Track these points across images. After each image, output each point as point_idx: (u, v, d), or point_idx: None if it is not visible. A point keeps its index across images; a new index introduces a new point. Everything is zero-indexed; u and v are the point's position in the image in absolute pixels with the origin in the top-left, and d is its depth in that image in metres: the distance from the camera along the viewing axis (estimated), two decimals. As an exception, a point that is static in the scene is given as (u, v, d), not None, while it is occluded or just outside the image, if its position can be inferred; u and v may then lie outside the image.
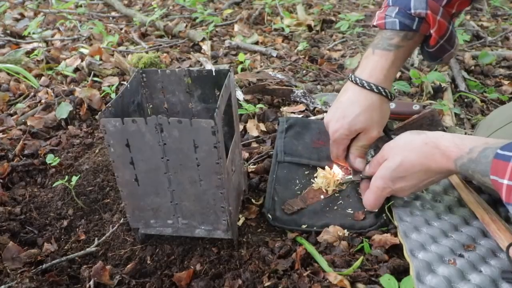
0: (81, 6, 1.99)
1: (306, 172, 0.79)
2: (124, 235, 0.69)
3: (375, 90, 0.69)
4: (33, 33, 1.66)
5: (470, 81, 1.14)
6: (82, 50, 1.44)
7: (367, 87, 0.69)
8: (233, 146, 0.64)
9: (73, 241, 0.69)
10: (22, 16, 1.95)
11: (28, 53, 1.46)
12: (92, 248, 0.66)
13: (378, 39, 0.72)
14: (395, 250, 0.63)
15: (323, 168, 0.78)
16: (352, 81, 0.71)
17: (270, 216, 0.70)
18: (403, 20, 0.69)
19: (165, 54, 1.39)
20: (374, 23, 0.73)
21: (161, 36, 1.64)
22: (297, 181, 0.77)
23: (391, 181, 0.62)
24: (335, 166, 0.78)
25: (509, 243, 0.55)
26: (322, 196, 0.74)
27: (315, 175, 0.78)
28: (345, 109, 0.70)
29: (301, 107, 1.04)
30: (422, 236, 0.62)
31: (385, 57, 0.70)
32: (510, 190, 0.45)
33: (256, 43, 1.51)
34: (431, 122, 0.88)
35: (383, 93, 0.69)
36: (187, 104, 0.71)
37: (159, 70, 0.67)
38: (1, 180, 0.83)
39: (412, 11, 0.68)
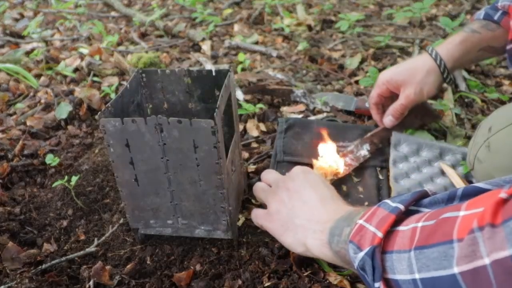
0: (80, 6, 1.99)
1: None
2: (123, 235, 0.69)
3: (431, 55, 0.74)
4: (33, 33, 1.65)
5: (470, 81, 1.14)
6: (81, 50, 1.44)
7: (428, 50, 0.77)
8: (233, 146, 0.64)
9: (73, 241, 0.69)
10: (22, 16, 1.94)
11: (27, 53, 1.46)
12: (91, 248, 0.66)
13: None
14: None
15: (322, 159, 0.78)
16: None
17: (270, 216, 0.70)
18: (488, 11, 0.73)
19: (164, 54, 1.39)
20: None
21: (160, 36, 1.64)
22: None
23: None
24: (332, 157, 0.77)
25: None
26: None
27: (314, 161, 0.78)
28: (401, 63, 0.81)
29: (301, 107, 1.04)
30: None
31: (458, 35, 0.75)
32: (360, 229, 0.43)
33: (256, 43, 1.51)
34: (425, 112, 0.86)
35: (437, 61, 0.74)
36: (187, 104, 0.70)
37: (158, 70, 0.67)
38: (1, 180, 0.83)
39: (500, 3, 0.71)
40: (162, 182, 0.58)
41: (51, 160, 0.83)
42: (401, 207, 0.40)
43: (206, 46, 1.46)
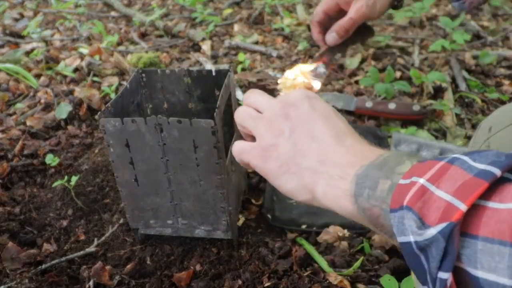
0: (80, 6, 1.99)
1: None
2: (123, 236, 0.69)
3: None
4: (33, 33, 1.65)
5: (470, 81, 1.14)
6: (81, 50, 1.44)
7: None
8: None
9: (73, 242, 0.69)
10: (22, 16, 1.94)
11: (27, 53, 1.46)
12: (91, 249, 0.66)
13: None
14: (396, 250, 0.63)
15: None
16: None
17: (269, 216, 0.69)
18: None
19: (164, 54, 1.38)
20: None
21: (160, 36, 1.64)
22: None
23: None
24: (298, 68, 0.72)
25: None
26: None
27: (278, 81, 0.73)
28: None
29: (301, 107, 1.04)
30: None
31: None
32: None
33: (256, 43, 1.51)
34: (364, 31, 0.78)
35: None
36: (187, 104, 0.70)
37: (158, 70, 0.67)
38: (1, 180, 0.83)
39: None
40: (162, 182, 0.58)
41: (51, 160, 0.83)
42: (496, 171, 0.27)
43: (206, 46, 1.46)
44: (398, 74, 1.18)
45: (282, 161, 0.40)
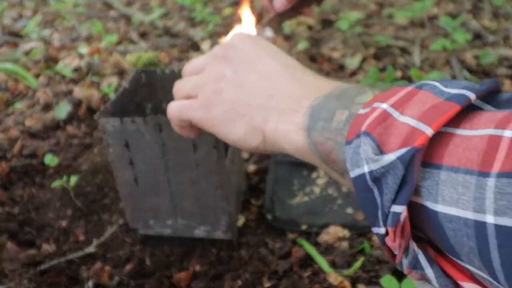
0: (79, 5, 1.98)
1: (304, 173, 0.79)
2: (123, 236, 0.68)
3: None
4: (31, 33, 1.65)
5: (471, 81, 1.14)
6: (80, 49, 1.44)
7: None
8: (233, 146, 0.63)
9: (72, 242, 0.69)
10: (20, 15, 1.94)
11: (26, 53, 1.45)
12: (91, 249, 0.65)
13: None
14: (396, 250, 0.63)
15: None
16: None
17: (269, 217, 0.69)
18: None
19: (164, 54, 1.38)
20: None
21: (160, 36, 1.63)
22: (296, 181, 0.77)
23: None
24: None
25: None
26: None
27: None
28: None
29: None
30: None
31: None
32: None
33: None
34: None
35: None
36: (186, 103, 0.70)
37: (158, 70, 0.67)
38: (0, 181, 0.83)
39: None
40: (161, 182, 0.58)
41: (50, 160, 0.83)
42: (471, 95, 0.23)
43: (205, 46, 1.46)
44: (398, 73, 1.17)
45: (228, 105, 0.35)
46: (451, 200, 0.22)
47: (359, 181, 0.25)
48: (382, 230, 0.24)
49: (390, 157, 0.23)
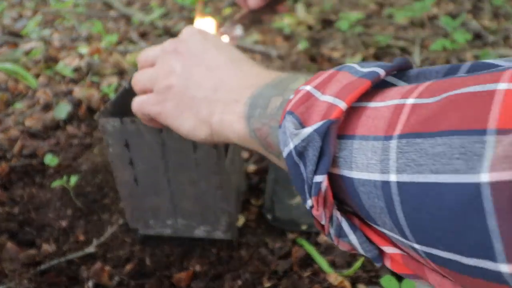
0: (79, 5, 1.98)
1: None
2: (123, 236, 0.68)
3: None
4: (31, 33, 1.65)
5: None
6: (80, 49, 1.44)
7: None
8: (233, 146, 0.63)
9: (72, 242, 0.69)
10: (20, 15, 1.94)
11: (26, 53, 1.45)
12: (91, 249, 0.65)
13: None
14: (396, 250, 0.63)
15: None
16: None
17: (269, 217, 0.69)
18: None
19: (164, 54, 1.38)
20: None
21: (160, 35, 1.63)
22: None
23: None
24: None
25: None
26: None
27: None
28: None
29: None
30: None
31: None
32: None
33: (256, 42, 1.51)
34: None
35: None
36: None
37: (158, 70, 0.67)
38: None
39: None
40: (161, 182, 0.58)
41: (50, 160, 0.83)
42: (381, 72, 0.25)
43: (205, 46, 1.46)
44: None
45: (178, 99, 0.38)
46: (362, 166, 0.23)
47: (289, 159, 0.26)
48: (309, 203, 0.26)
49: (308, 130, 0.25)
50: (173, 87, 0.38)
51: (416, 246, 0.22)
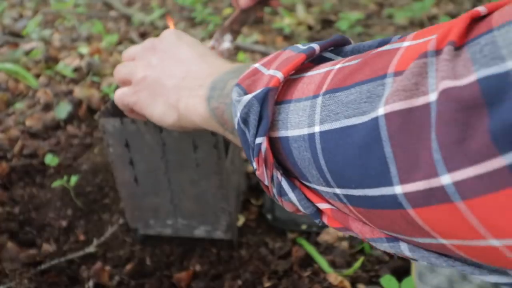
0: (79, 5, 1.98)
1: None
2: (123, 236, 0.69)
3: None
4: (32, 33, 1.65)
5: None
6: (81, 49, 1.44)
7: None
8: (233, 146, 0.64)
9: (72, 242, 0.69)
10: (21, 15, 1.94)
11: (26, 53, 1.45)
12: (91, 249, 0.66)
13: None
14: (396, 250, 0.63)
15: None
16: None
17: (269, 217, 0.69)
18: None
19: (164, 54, 1.38)
20: None
21: (160, 36, 1.63)
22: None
23: None
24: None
25: None
26: None
27: None
28: None
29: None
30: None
31: None
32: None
33: (256, 42, 1.51)
34: None
35: None
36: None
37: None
38: (0, 181, 0.83)
39: None
40: (161, 182, 0.58)
41: (50, 160, 0.83)
42: (316, 47, 0.29)
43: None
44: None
45: (151, 88, 0.41)
46: (295, 124, 0.26)
47: (238, 129, 0.28)
48: (254, 165, 0.28)
49: (248, 96, 0.28)
50: (147, 78, 0.42)
51: (337, 191, 0.24)
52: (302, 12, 1.76)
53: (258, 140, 0.27)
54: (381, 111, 0.20)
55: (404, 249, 0.24)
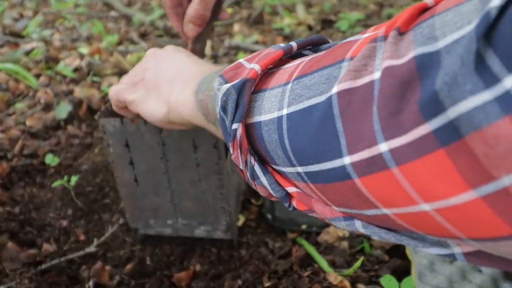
0: (79, 5, 1.99)
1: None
2: (123, 236, 0.69)
3: None
4: (32, 33, 1.65)
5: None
6: (81, 49, 1.44)
7: None
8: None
9: (72, 242, 0.69)
10: (21, 15, 1.94)
11: (27, 53, 1.46)
12: (91, 249, 0.66)
13: None
14: (396, 250, 0.63)
15: None
16: None
17: (269, 216, 0.69)
18: None
19: (164, 54, 1.38)
20: None
21: (160, 36, 1.64)
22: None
23: None
24: None
25: None
26: None
27: None
28: None
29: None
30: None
31: None
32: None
33: (256, 42, 1.51)
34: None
35: None
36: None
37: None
38: (0, 180, 0.83)
39: None
40: (161, 182, 0.58)
41: (51, 160, 0.83)
42: (294, 44, 0.32)
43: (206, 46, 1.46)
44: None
45: (148, 86, 0.44)
46: (268, 109, 0.29)
47: (220, 117, 0.31)
48: (231, 150, 0.31)
49: (227, 85, 0.30)
50: (145, 79, 0.45)
51: (299, 169, 0.26)
52: (302, 12, 1.76)
53: (234, 126, 0.29)
54: (334, 90, 0.23)
55: (359, 226, 0.26)
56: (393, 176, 0.21)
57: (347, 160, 0.22)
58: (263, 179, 0.30)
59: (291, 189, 0.29)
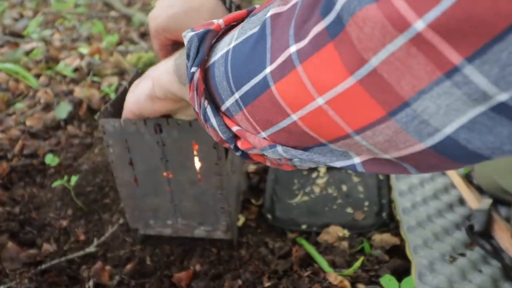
0: (79, 5, 1.99)
1: (304, 172, 0.79)
2: (123, 236, 0.69)
3: None
4: (32, 33, 1.65)
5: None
6: (81, 49, 1.44)
7: None
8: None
9: (72, 242, 0.69)
10: (21, 15, 1.94)
11: (27, 53, 1.46)
12: (91, 249, 0.66)
13: None
14: (396, 250, 0.63)
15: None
16: None
17: (269, 217, 0.69)
18: None
19: (164, 54, 1.38)
20: None
21: (160, 36, 1.63)
22: (296, 181, 0.77)
23: None
24: None
25: None
26: None
27: None
28: (174, 1, 0.53)
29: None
30: (426, 232, 0.62)
31: None
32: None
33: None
34: None
35: None
36: (186, 104, 0.70)
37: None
38: (0, 181, 0.83)
39: None
40: (161, 183, 0.58)
41: (51, 160, 0.83)
42: (257, 6, 0.35)
43: (206, 46, 1.46)
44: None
45: (140, 85, 0.49)
46: (221, 48, 0.32)
47: (187, 69, 0.34)
48: (189, 92, 0.34)
49: (191, 33, 0.34)
50: (140, 84, 0.49)
51: (236, 95, 0.30)
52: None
53: (193, 69, 0.33)
54: (268, 14, 0.27)
55: (280, 151, 0.30)
56: (298, 74, 0.24)
57: (268, 70, 0.26)
58: (213, 120, 0.33)
59: (235, 128, 0.33)
